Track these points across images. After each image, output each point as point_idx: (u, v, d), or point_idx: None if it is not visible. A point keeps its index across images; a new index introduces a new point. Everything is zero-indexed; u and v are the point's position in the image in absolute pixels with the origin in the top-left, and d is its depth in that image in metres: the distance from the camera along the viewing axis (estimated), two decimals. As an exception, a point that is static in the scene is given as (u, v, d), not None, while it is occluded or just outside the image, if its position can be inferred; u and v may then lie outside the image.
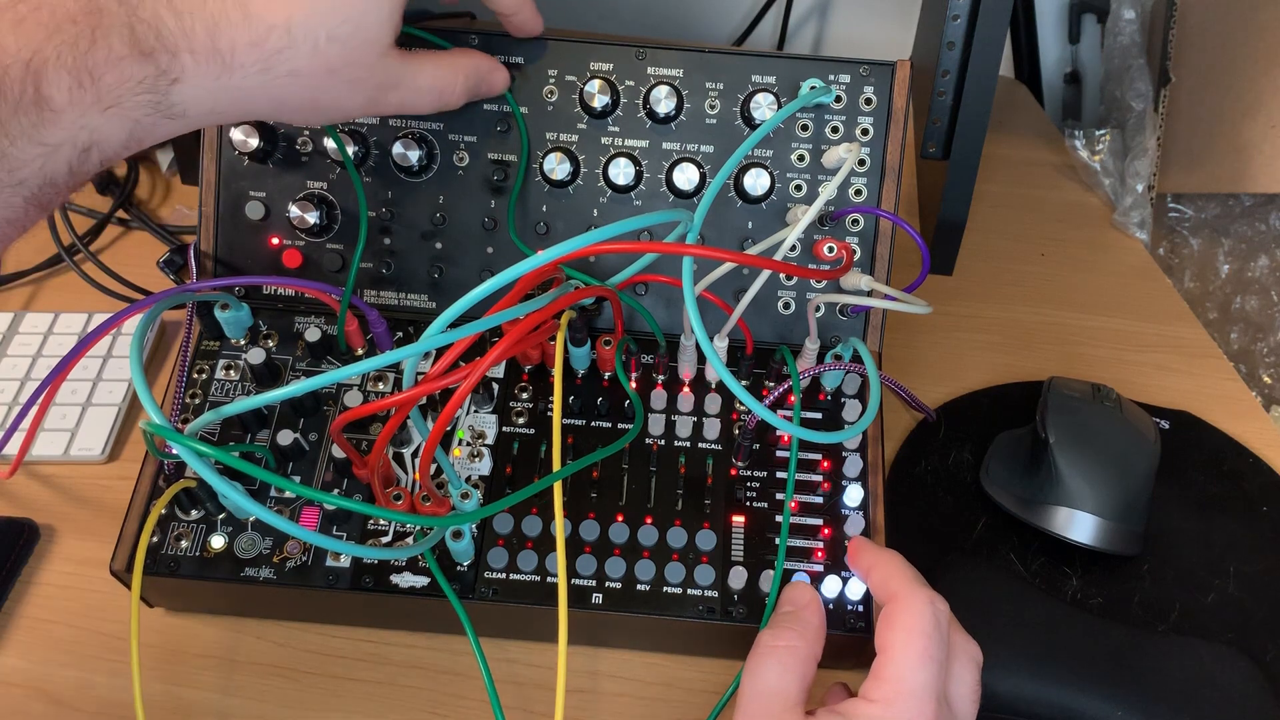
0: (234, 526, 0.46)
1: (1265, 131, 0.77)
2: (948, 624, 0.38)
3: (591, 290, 0.46)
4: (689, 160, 0.51)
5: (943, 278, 0.72)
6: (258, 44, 0.36)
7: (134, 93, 0.34)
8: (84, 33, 0.33)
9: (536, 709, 0.46)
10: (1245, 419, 0.62)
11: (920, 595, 0.38)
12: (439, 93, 0.45)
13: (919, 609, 0.38)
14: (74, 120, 0.33)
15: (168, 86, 0.35)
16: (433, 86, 0.45)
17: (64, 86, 0.33)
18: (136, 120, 0.35)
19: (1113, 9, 0.90)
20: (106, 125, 0.34)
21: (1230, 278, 0.85)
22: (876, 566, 0.42)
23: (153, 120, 0.36)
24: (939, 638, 0.37)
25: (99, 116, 0.34)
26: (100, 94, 0.33)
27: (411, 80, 0.43)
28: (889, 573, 0.41)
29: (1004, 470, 0.55)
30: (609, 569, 0.45)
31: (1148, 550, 0.53)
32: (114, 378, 0.59)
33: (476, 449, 0.48)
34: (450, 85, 0.46)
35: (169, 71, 0.35)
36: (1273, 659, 0.49)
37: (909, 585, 0.39)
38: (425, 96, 0.45)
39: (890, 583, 0.40)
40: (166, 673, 0.47)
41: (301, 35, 0.37)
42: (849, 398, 0.51)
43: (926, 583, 0.40)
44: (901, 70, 0.52)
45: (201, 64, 0.36)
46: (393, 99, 0.43)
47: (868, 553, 0.43)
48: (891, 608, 0.39)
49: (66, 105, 0.33)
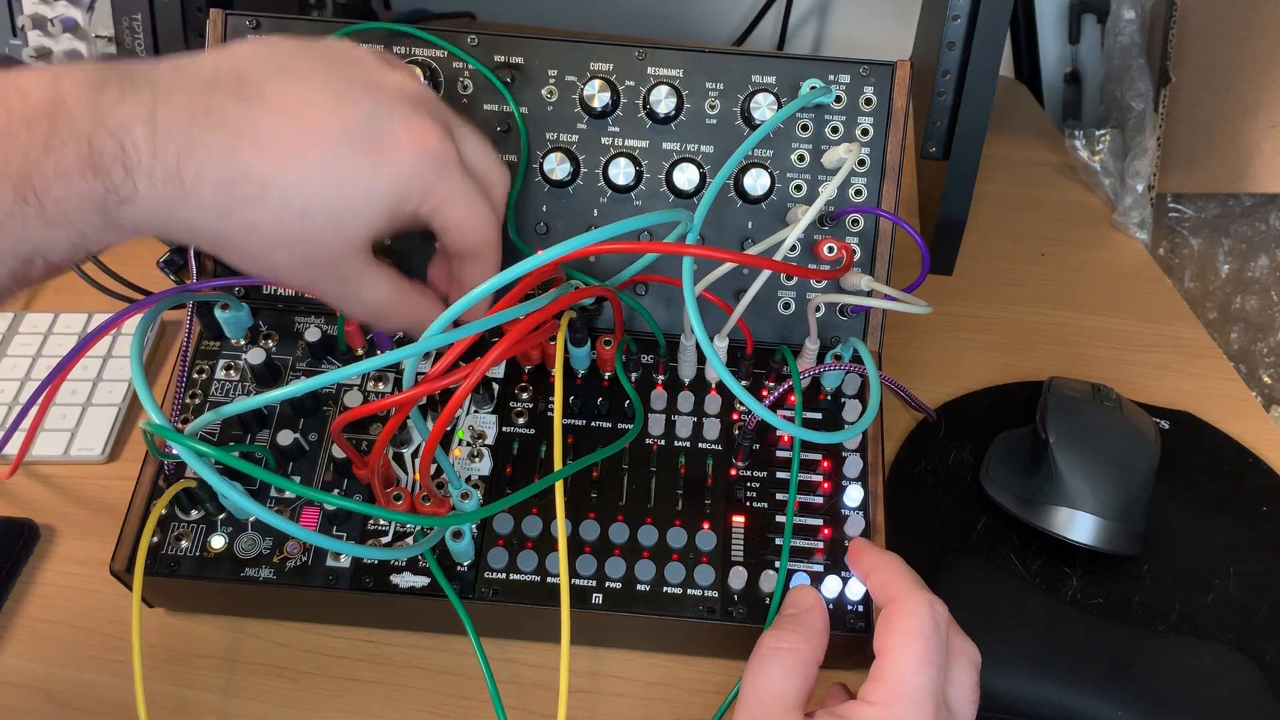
0: (234, 526, 0.46)
1: (1265, 131, 0.77)
2: (947, 627, 0.38)
3: (591, 290, 0.46)
4: (689, 160, 0.51)
5: (943, 278, 0.72)
6: (225, 185, 0.34)
7: (80, 209, 0.32)
8: (37, 140, 0.31)
9: (536, 709, 0.46)
10: (1245, 419, 0.62)
11: (919, 598, 0.38)
12: (376, 316, 0.42)
13: (918, 612, 0.38)
14: (14, 232, 0.31)
15: (117, 205, 0.33)
16: (375, 308, 0.41)
17: (6, 200, 0.31)
18: (82, 233, 0.33)
19: (1113, 9, 0.90)
20: (50, 237, 0.32)
21: (1230, 278, 0.85)
22: (876, 569, 0.42)
23: (99, 234, 0.33)
24: (938, 641, 0.37)
25: (42, 230, 0.32)
26: (44, 208, 0.32)
27: (359, 289, 0.40)
28: (888, 576, 0.41)
29: (1004, 470, 0.55)
30: (609, 569, 0.45)
31: (1148, 550, 0.53)
32: (114, 378, 0.59)
33: (476, 449, 0.48)
34: (390, 316, 0.42)
35: (119, 189, 0.33)
36: (1273, 659, 0.49)
37: (908, 588, 0.39)
38: (360, 309, 0.41)
39: (889, 585, 0.40)
40: (166, 673, 0.47)
41: (275, 196, 0.35)
42: (849, 398, 0.51)
43: (925, 585, 0.40)
44: (901, 70, 0.52)
45: (157, 188, 0.33)
46: (332, 292, 0.40)
47: (868, 555, 0.43)
48: (890, 610, 0.39)
49: (7, 218, 0.31)
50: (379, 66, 0.39)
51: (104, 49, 0.70)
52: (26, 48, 0.70)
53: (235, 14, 0.52)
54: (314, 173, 0.35)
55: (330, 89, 0.37)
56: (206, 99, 0.34)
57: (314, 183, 0.35)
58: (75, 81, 0.32)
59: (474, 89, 0.52)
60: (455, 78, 0.52)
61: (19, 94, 0.32)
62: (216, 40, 0.52)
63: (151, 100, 0.33)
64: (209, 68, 0.36)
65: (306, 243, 0.36)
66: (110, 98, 0.33)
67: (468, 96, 0.52)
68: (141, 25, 0.68)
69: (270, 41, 0.38)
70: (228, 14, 0.52)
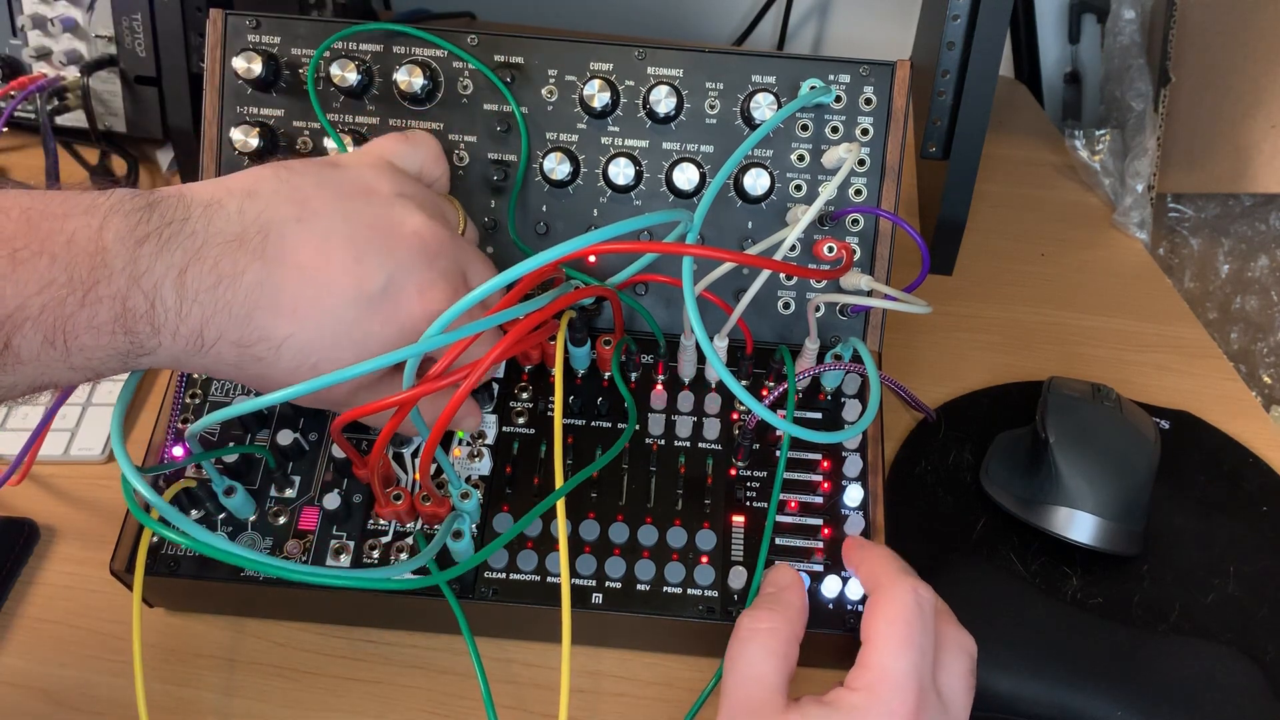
0: (234, 526, 0.46)
1: (1265, 131, 0.77)
2: (933, 612, 0.38)
3: (591, 290, 0.46)
4: (689, 160, 0.51)
5: (943, 278, 0.72)
6: (242, 346, 0.36)
7: (105, 359, 0.34)
8: (75, 294, 0.32)
9: (535, 709, 0.46)
10: (1245, 419, 0.62)
11: (903, 583, 0.39)
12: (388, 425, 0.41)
13: (901, 598, 0.38)
14: (35, 372, 0.32)
15: (137, 356, 0.35)
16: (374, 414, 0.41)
17: (35, 343, 0.32)
18: (98, 374, 0.35)
19: (1113, 9, 0.90)
20: (68, 376, 0.34)
21: (1230, 278, 0.85)
22: (865, 561, 0.42)
23: (112, 371, 0.35)
24: (922, 625, 0.37)
25: (64, 371, 0.33)
26: (69, 354, 0.33)
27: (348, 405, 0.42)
28: (876, 566, 0.41)
29: (1004, 470, 0.55)
30: (609, 569, 0.45)
31: (1148, 550, 0.52)
32: (113, 378, 0.59)
33: (476, 449, 0.48)
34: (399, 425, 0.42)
35: (144, 345, 0.34)
36: (1273, 659, 0.49)
37: (893, 575, 0.39)
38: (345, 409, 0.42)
39: (876, 575, 0.40)
40: (166, 673, 0.47)
41: (289, 354, 0.37)
42: (849, 398, 0.51)
43: (914, 573, 0.40)
44: (901, 70, 0.52)
45: (179, 344, 0.35)
46: (322, 404, 0.43)
47: (858, 549, 0.44)
48: (876, 597, 0.39)
49: (32, 359, 0.32)
50: (394, 205, 0.40)
51: (104, 49, 0.70)
52: (27, 47, 0.71)
53: (235, 14, 0.52)
54: (328, 334, 0.37)
55: (349, 243, 0.38)
56: (234, 258, 0.35)
57: (327, 344, 0.37)
58: (118, 233, 0.33)
59: (474, 89, 0.52)
60: (455, 78, 0.52)
61: (65, 240, 0.32)
62: (217, 41, 0.52)
63: (183, 259, 0.34)
64: (234, 215, 0.36)
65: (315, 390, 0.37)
66: (148, 253, 0.33)
67: (468, 96, 0.52)
68: (141, 25, 0.69)
69: (290, 176, 0.39)
70: (227, 14, 0.52)
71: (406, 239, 0.40)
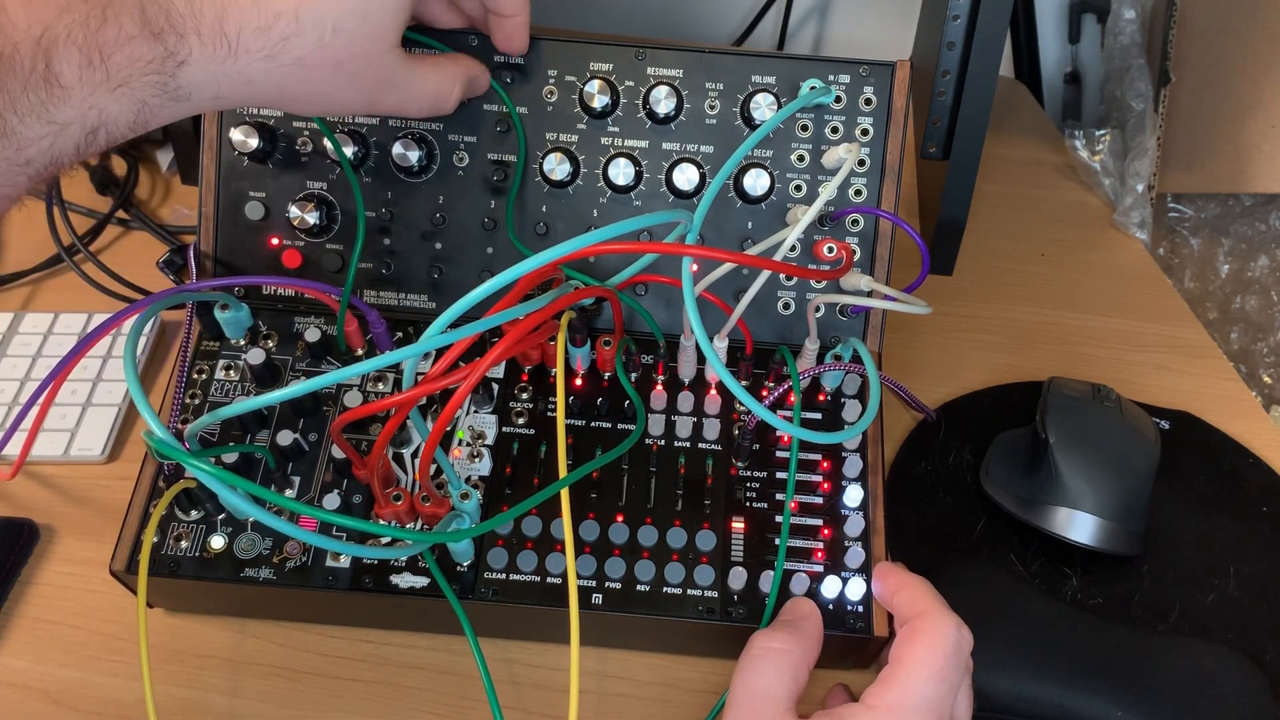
0: (234, 527, 0.46)
1: (1265, 131, 0.77)
2: (968, 654, 0.38)
3: (591, 291, 0.46)
4: (689, 160, 0.51)
5: (943, 278, 0.72)
6: (264, 30, 0.36)
7: (142, 73, 0.34)
8: (95, 11, 0.33)
9: (535, 709, 0.46)
10: (1245, 419, 0.62)
11: (949, 619, 0.39)
12: (435, 98, 0.45)
13: (945, 631, 0.38)
14: (83, 99, 0.33)
15: (175, 68, 0.35)
16: (430, 92, 0.45)
17: (74, 64, 0.32)
18: (144, 101, 0.35)
19: (1113, 9, 0.90)
20: (114, 105, 0.34)
21: (1230, 278, 0.85)
22: (905, 587, 0.42)
23: (159, 101, 0.35)
24: (957, 664, 0.37)
25: (107, 96, 0.34)
26: (109, 73, 0.33)
27: (409, 82, 0.43)
28: (919, 594, 0.41)
29: (1004, 470, 0.55)
30: (609, 569, 0.45)
31: (1148, 550, 0.52)
32: (114, 378, 0.59)
33: (476, 449, 0.48)
34: (447, 91, 0.46)
35: (176, 53, 0.35)
36: (1273, 659, 0.49)
37: (939, 607, 0.39)
38: (421, 101, 0.45)
39: (919, 602, 0.40)
40: (166, 673, 0.47)
41: (309, 24, 0.37)
42: (849, 398, 0.51)
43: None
44: (901, 70, 0.52)
45: (208, 47, 0.35)
46: (390, 99, 0.43)
47: (897, 575, 0.43)
48: (917, 623, 0.39)
49: (76, 83, 0.33)
50: None
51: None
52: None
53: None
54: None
55: None
56: None
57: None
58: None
59: (474, 89, 0.52)
60: (455, 78, 0.52)
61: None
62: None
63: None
64: None
65: (352, 57, 0.39)
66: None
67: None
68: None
69: None
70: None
71: None
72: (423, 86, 0.44)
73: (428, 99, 0.45)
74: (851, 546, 0.46)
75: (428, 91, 0.45)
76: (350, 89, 0.41)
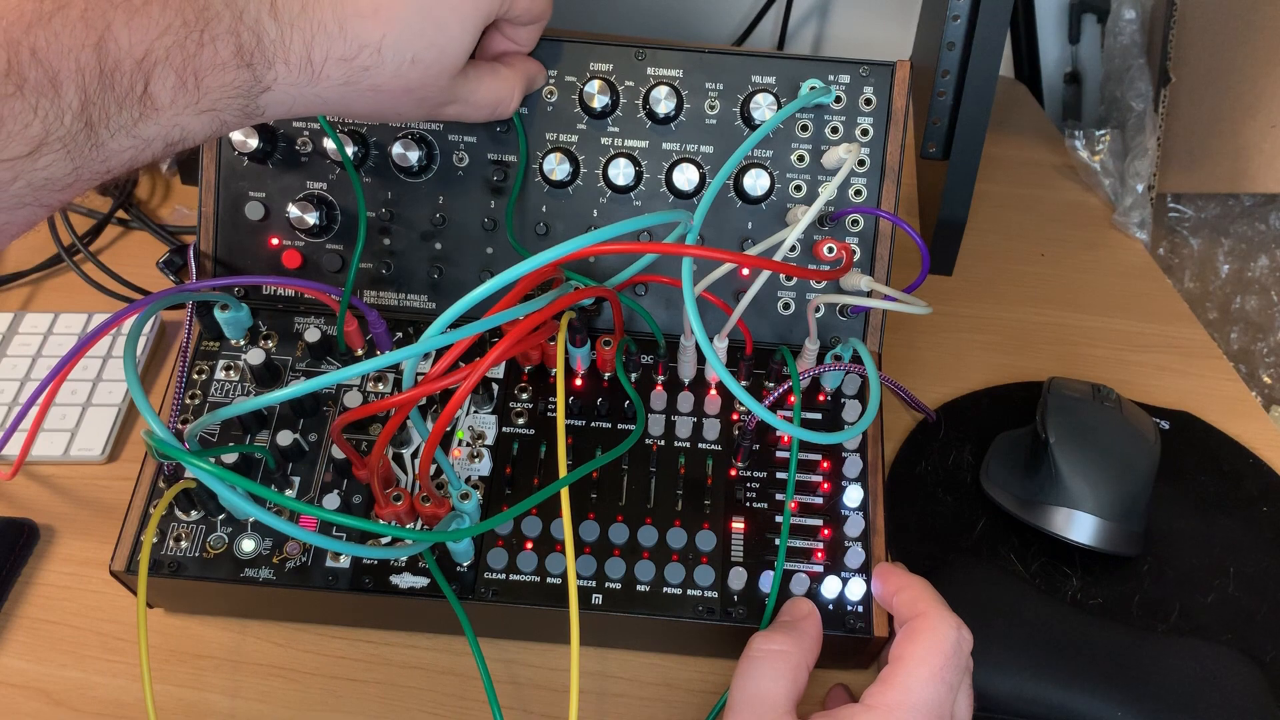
0: (233, 527, 0.46)
1: (1265, 131, 0.77)
2: (968, 654, 0.39)
3: (591, 291, 0.46)
4: (689, 160, 0.51)
5: (943, 278, 0.72)
6: (348, 60, 0.38)
7: (229, 97, 0.35)
8: (193, 34, 0.33)
9: (535, 709, 0.46)
10: (1245, 419, 0.62)
11: (950, 619, 0.39)
12: (495, 105, 0.46)
13: (945, 631, 0.38)
14: (171, 119, 0.34)
15: (260, 94, 0.36)
16: (491, 101, 0.46)
17: (169, 86, 0.33)
18: (224, 120, 0.36)
19: (1113, 9, 0.90)
20: (197, 124, 0.35)
21: (1230, 278, 0.85)
22: (906, 588, 0.42)
23: (236, 120, 0.36)
24: (957, 664, 0.37)
25: (194, 117, 0.34)
26: (200, 96, 0.34)
27: (471, 95, 0.44)
28: (919, 594, 0.41)
29: (1004, 470, 0.55)
30: (609, 569, 0.45)
31: (1148, 550, 0.52)
32: (113, 378, 0.59)
33: (476, 449, 0.48)
34: (507, 98, 0.46)
35: (263, 80, 0.36)
36: (1273, 659, 0.49)
37: (939, 607, 0.39)
38: (482, 110, 0.46)
39: (919, 602, 0.40)
40: (166, 673, 0.47)
41: (390, 56, 0.38)
42: (849, 398, 0.51)
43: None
44: (901, 70, 0.52)
45: (293, 74, 0.37)
46: (451, 111, 0.44)
47: (897, 576, 0.43)
48: (917, 623, 0.39)
49: (168, 105, 0.33)
50: None
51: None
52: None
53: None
54: (414, 23, 0.39)
55: None
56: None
57: (417, 31, 0.39)
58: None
59: (474, 89, 0.52)
60: (455, 78, 0.52)
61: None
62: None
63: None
64: None
65: (424, 85, 0.40)
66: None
67: (467, 97, 0.52)
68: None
69: None
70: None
71: None
72: (486, 96, 0.45)
73: (488, 107, 0.46)
74: (851, 547, 0.46)
75: (489, 100, 0.45)
76: (414, 108, 0.42)
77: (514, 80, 0.47)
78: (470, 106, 0.45)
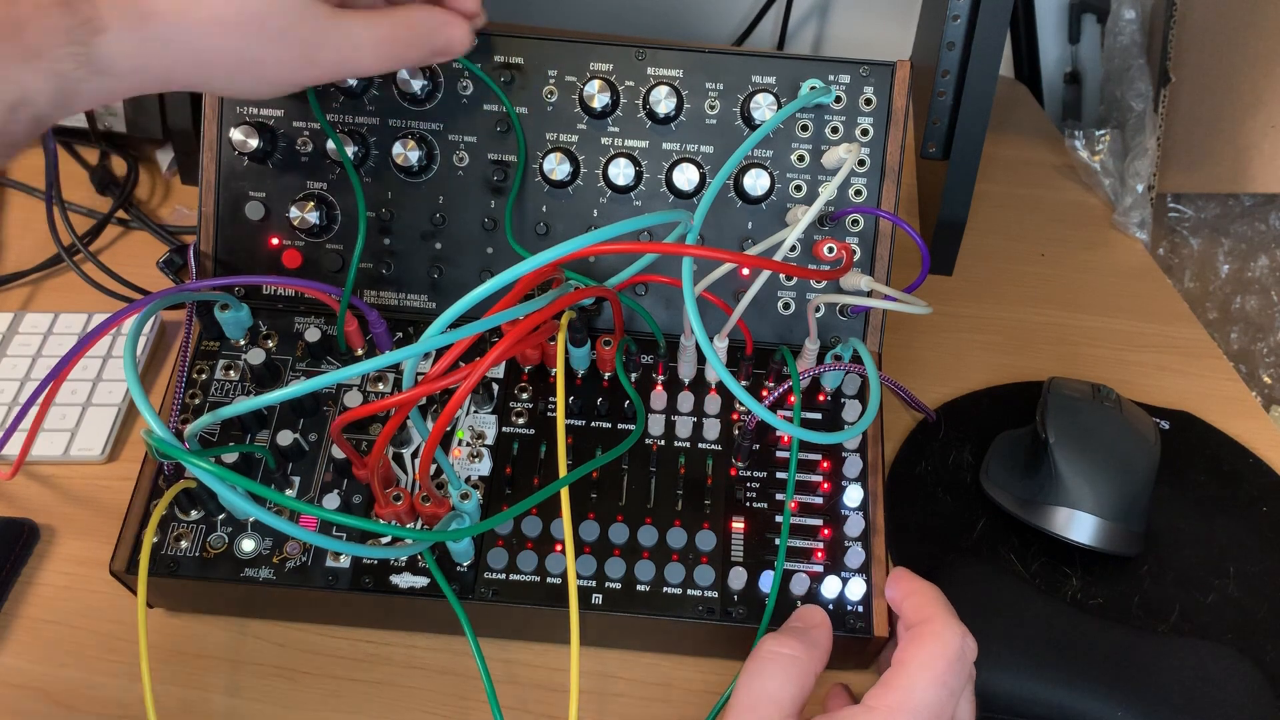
0: (233, 527, 0.46)
1: (1265, 131, 0.77)
2: (971, 664, 0.38)
3: (591, 291, 0.46)
4: (689, 160, 0.51)
5: (943, 278, 0.72)
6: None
7: (57, 44, 0.34)
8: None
9: (536, 709, 0.46)
10: (1245, 419, 0.62)
11: (956, 627, 0.39)
12: (381, 48, 0.42)
13: (949, 637, 0.38)
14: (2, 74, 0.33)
15: (90, 37, 0.35)
16: (372, 41, 0.41)
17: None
18: (62, 74, 0.35)
19: (1113, 9, 0.90)
20: (32, 79, 0.34)
21: (1230, 278, 0.85)
22: (915, 593, 0.42)
23: (80, 74, 0.35)
24: (960, 670, 0.37)
25: (23, 69, 0.33)
26: (24, 46, 0.33)
27: (344, 36, 0.40)
28: (927, 600, 0.41)
29: (1004, 470, 0.55)
30: (609, 569, 0.45)
31: (1148, 550, 0.53)
32: (113, 378, 0.59)
33: (476, 449, 0.48)
34: (394, 39, 0.42)
35: (90, 20, 0.34)
36: (1273, 659, 0.49)
37: (947, 614, 0.39)
38: (366, 54, 0.41)
39: (927, 608, 0.40)
40: (166, 673, 0.47)
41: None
42: (849, 398, 0.51)
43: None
44: (901, 70, 0.52)
45: (120, 10, 0.35)
46: (328, 58, 0.40)
47: (908, 581, 0.43)
48: (923, 628, 0.39)
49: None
50: None
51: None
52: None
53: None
54: None
55: None
56: None
57: None
58: None
59: (474, 89, 0.52)
60: (455, 78, 0.52)
61: None
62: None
63: None
64: None
65: (270, 11, 0.37)
66: None
67: (467, 97, 0.52)
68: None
69: None
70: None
71: None
72: (362, 37, 0.41)
73: (372, 51, 0.41)
74: (851, 547, 0.46)
75: (369, 41, 0.41)
76: (279, 51, 0.39)
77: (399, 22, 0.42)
78: (350, 49, 0.40)
